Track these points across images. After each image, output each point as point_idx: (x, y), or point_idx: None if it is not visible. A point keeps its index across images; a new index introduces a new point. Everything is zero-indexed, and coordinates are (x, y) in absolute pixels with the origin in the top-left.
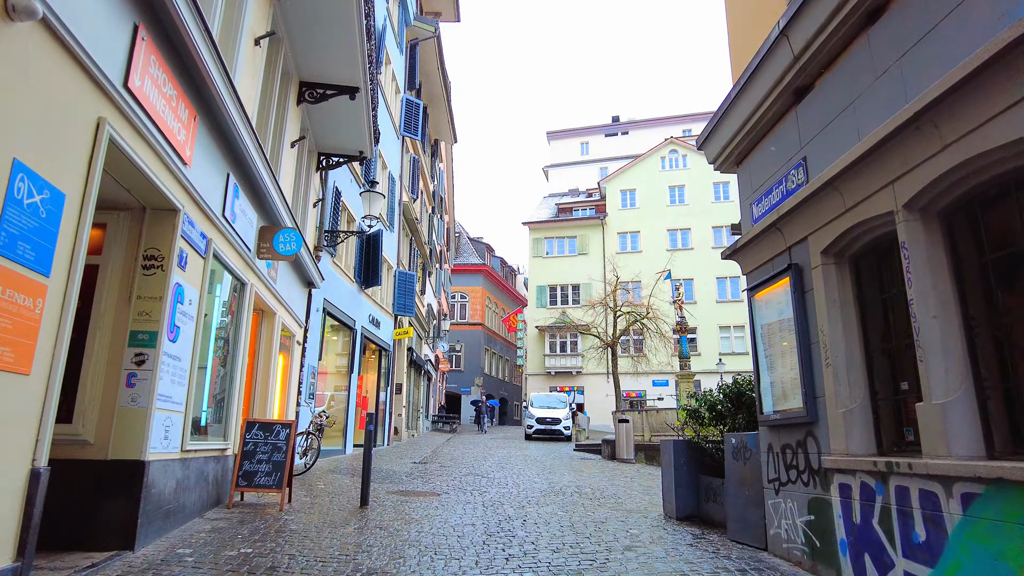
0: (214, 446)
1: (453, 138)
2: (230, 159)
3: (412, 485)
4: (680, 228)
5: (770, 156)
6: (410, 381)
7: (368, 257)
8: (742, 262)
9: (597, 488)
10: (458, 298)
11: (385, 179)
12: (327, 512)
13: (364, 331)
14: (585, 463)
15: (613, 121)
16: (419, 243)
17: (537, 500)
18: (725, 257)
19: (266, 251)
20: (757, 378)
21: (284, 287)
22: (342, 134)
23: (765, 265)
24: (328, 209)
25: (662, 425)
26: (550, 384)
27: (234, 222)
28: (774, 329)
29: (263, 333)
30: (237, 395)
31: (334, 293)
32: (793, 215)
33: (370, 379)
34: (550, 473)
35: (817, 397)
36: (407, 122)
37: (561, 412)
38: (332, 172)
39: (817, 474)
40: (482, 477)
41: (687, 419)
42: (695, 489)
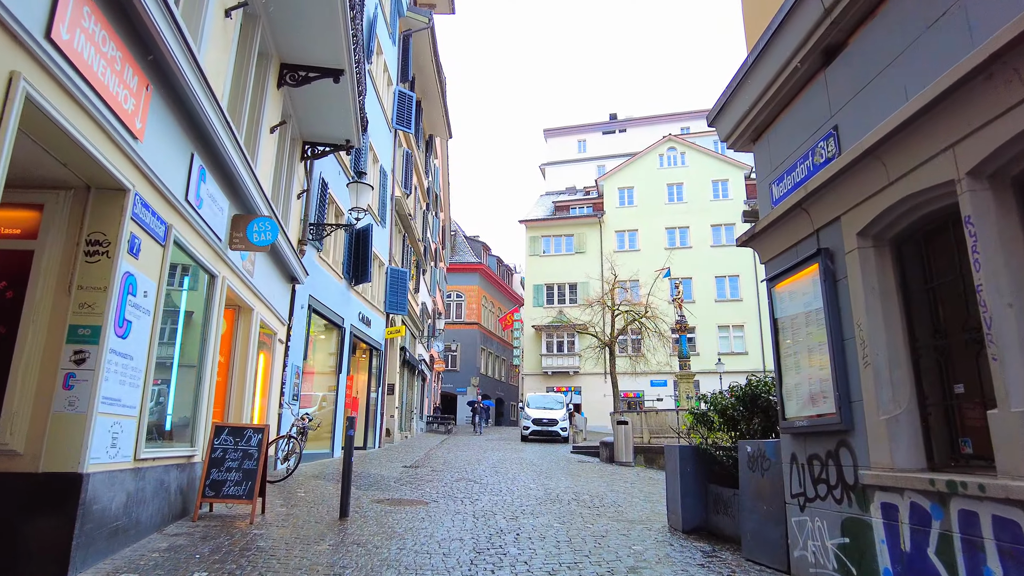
0: (178, 453)
1: (448, 133)
2: (195, 138)
3: (399, 492)
4: (678, 226)
5: (794, 128)
6: (403, 381)
7: (357, 252)
8: (760, 249)
9: (596, 495)
10: (454, 297)
11: (376, 173)
12: (302, 525)
13: (353, 329)
14: (583, 466)
15: (611, 119)
16: (412, 240)
17: (532, 509)
18: (741, 244)
19: (239, 241)
20: (779, 379)
21: (263, 282)
22: (328, 121)
23: (788, 252)
24: (313, 201)
25: (661, 427)
26: (547, 384)
27: (200, 208)
28: (799, 323)
29: (239, 330)
30: (207, 396)
31: (320, 290)
32: (822, 193)
33: (360, 379)
34: (546, 478)
35: (853, 401)
36: (400, 115)
37: (558, 413)
38: (318, 163)
39: (853, 490)
40: (474, 483)
41: (694, 423)
42: (703, 499)
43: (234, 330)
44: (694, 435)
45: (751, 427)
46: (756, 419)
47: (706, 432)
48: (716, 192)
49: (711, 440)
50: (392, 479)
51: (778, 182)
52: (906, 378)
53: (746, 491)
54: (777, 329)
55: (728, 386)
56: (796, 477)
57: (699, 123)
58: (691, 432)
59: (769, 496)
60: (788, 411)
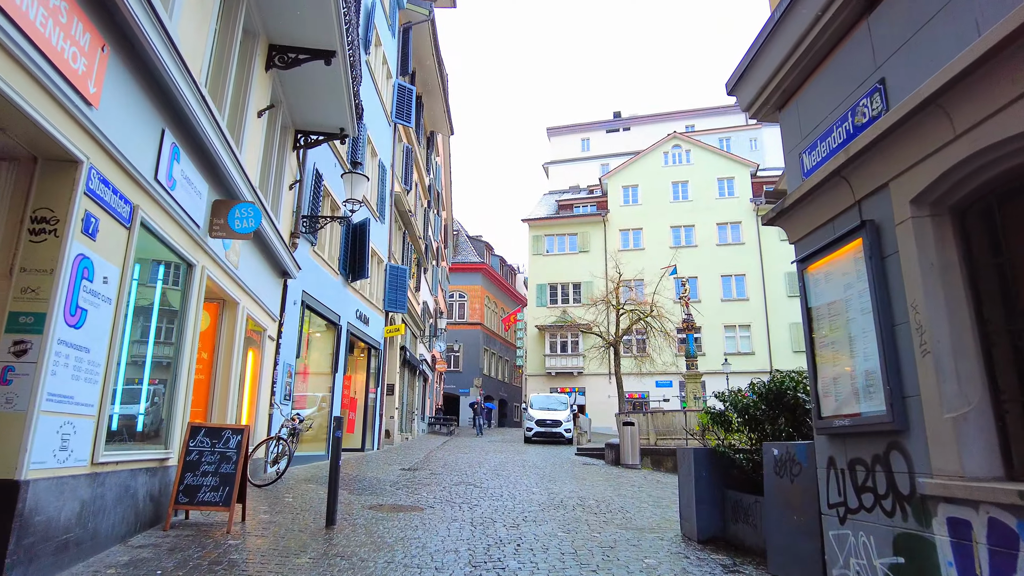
0: (148, 455)
1: (450, 130)
2: (166, 113)
3: (394, 497)
4: (684, 225)
5: (829, 87)
6: (403, 382)
7: (354, 248)
8: (789, 227)
9: (602, 500)
10: (456, 297)
11: (375, 167)
12: (284, 535)
13: (351, 327)
14: (587, 469)
15: (614, 117)
16: (413, 237)
17: (534, 516)
18: (767, 222)
19: (219, 228)
20: (813, 373)
21: (250, 274)
22: (320, 108)
23: (823, 227)
24: (306, 193)
25: (668, 428)
26: (551, 385)
27: (173, 190)
28: (838, 309)
29: (224, 325)
30: (183, 394)
31: (315, 285)
32: (866, 157)
33: (359, 379)
34: (550, 482)
35: (907, 397)
36: (399, 109)
37: (562, 414)
38: (312, 153)
39: (908, 502)
40: (474, 487)
41: (709, 424)
42: (720, 506)
43: (218, 325)
44: (709, 436)
45: (776, 428)
46: (782, 419)
47: (723, 433)
48: (722, 190)
49: (728, 442)
50: (388, 483)
51: (810, 151)
52: (976, 369)
53: (772, 499)
54: (810, 317)
55: (749, 382)
56: (834, 484)
57: (704, 121)
58: (705, 433)
59: (800, 505)
60: (825, 409)
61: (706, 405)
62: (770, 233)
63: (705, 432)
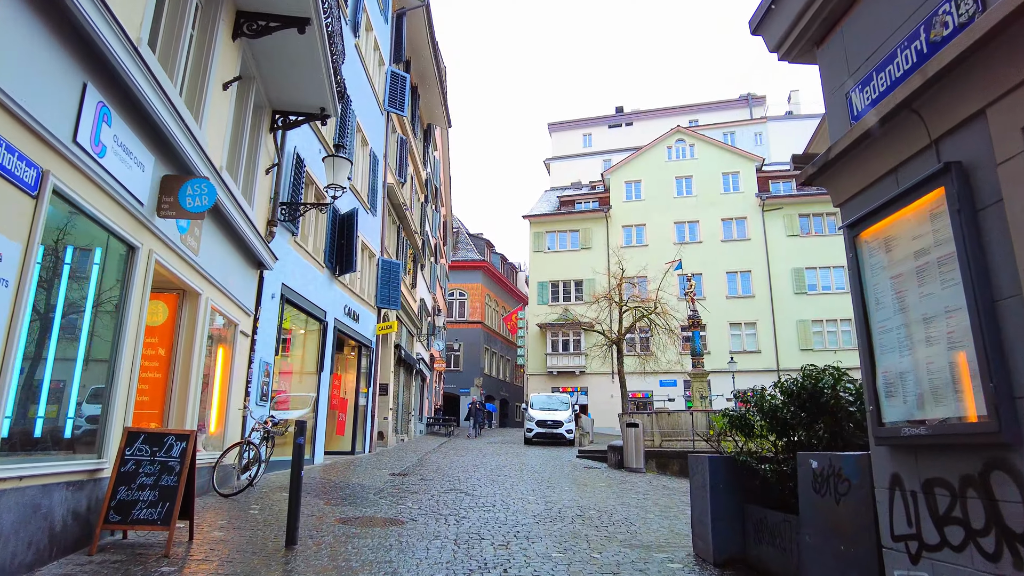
0: (70, 467)
1: (447, 122)
2: (89, 66)
3: (375, 508)
4: (688, 221)
5: (890, 2)
6: (398, 381)
7: (341, 239)
8: (834, 185)
9: (604, 510)
10: (456, 295)
11: (366, 157)
12: (232, 558)
13: (338, 324)
14: (589, 474)
15: (617, 112)
16: (408, 232)
17: (528, 531)
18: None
19: (169, 207)
20: (869, 367)
21: (215, 263)
22: (298, 85)
23: (883, 181)
24: (285, 178)
25: (674, 429)
26: (552, 384)
27: (102, 157)
28: (906, 283)
29: (183, 318)
30: (123, 395)
31: (296, 278)
32: (951, 78)
33: (349, 379)
34: (548, 488)
35: (1017, 398)
36: (392, 96)
37: (563, 414)
38: (293, 137)
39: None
40: (465, 495)
41: (726, 428)
42: (740, 523)
43: (177, 318)
44: (726, 442)
45: (813, 434)
46: (821, 423)
47: (742, 439)
48: (727, 185)
49: (747, 448)
50: (372, 491)
51: (861, 87)
52: None
53: (810, 521)
54: (864, 296)
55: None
56: (901, 511)
57: (708, 115)
58: (721, 438)
59: (850, 533)
60: (889, 413)
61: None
62: (776, 228)
63: (721, 437)
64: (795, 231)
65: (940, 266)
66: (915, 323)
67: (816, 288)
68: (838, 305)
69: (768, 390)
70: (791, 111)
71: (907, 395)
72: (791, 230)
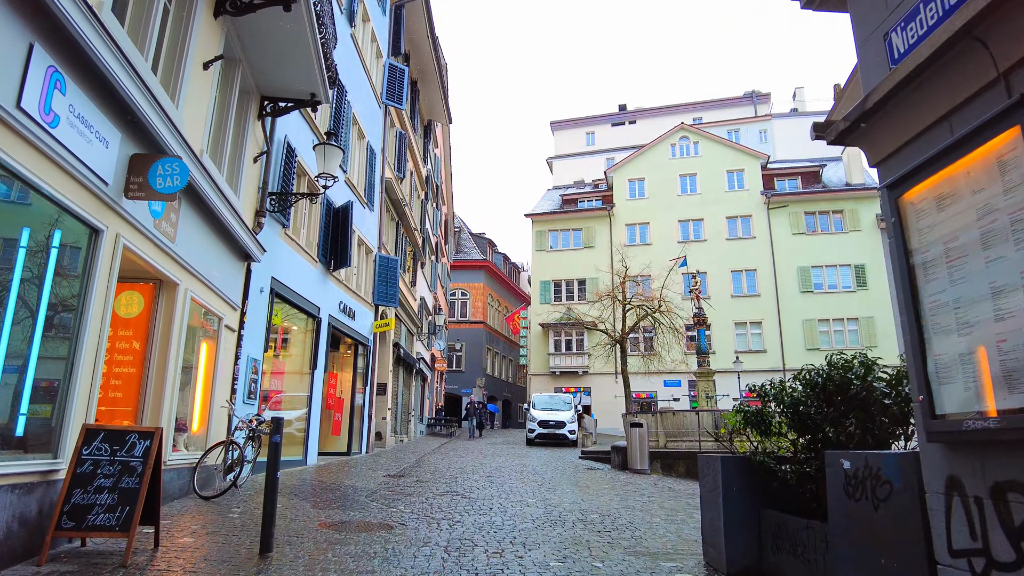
0: (19, 468)
1: (448, 119)
2: (37, 24)
3: (365, 512)
4: (692, 219)
5: None
6: (397, 381)
7: (336, 233)
8: (870, 140)
9: (607, 513)
10: (458, 295)
11: (363, 150)
12: (198, 567)
13: (333, 321)
14: (592, 475)
15: (620, 110)
16: (407, 228)
17: (525, 537)
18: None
19: (138, 188)
20: (917, 349)
21: (196, 252)
22: (286, 69)
23: (932, 130)
24: (275, 167)
25: (679, 429)
26: (555, 385)
27: (55, 127)
28: (966, 248)
29: (159, 309)
30: (84, 390)
31: (288, 272)
32: None
33: (345, 378)
34: (549, 490)
35: None
36: (391, 89)
37: (566, 415)
38: (284, 126)
39: None
40: (462, 498)
41: (741, 425)
42: (755, 529)
43: (153, 309)
44: (739, 442)
45: (842, 431)
46: (851, 419)
47: (758, 438)
48: (731, 183)
49: (763, 448)
50: (365, 493)
51: (903, 26)
52: None
53: (842, 529)
54: (910, 267)
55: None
56: (962, 520)
57: (712, 113)
58: (733, 437)
59: (893, 544)
60: (945, 403)
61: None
62: (781, 226)
63: (733, 436)
64: (801, 229)
65: (1013, 224)
66: (979, 295)
67: (822, 287)
68: (845, 304)
69: (788, 382)
70: (796, 108)
71: (968, 382)
72: (796, 228)
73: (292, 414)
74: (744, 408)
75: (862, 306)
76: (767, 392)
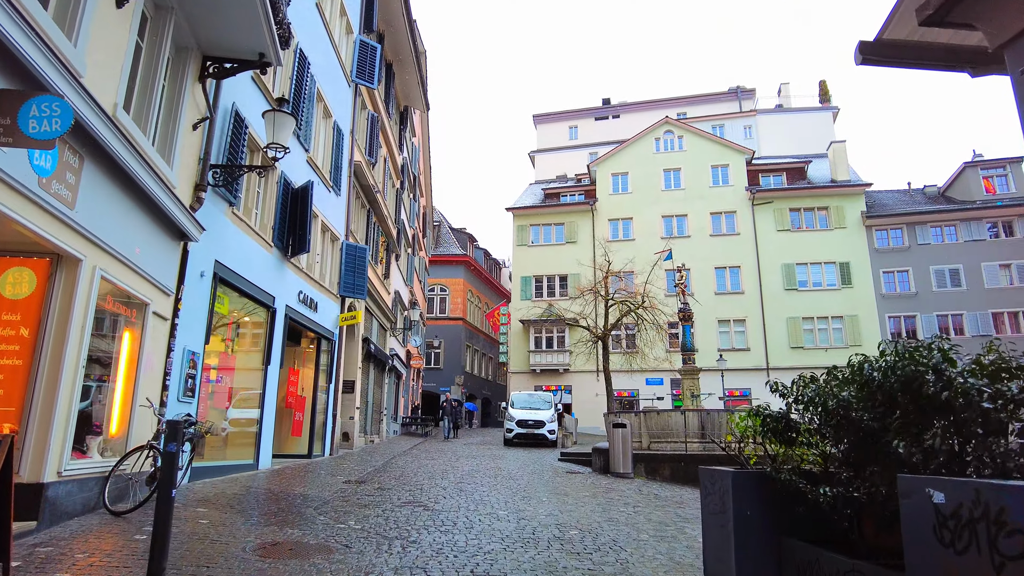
0: None
1: (425, 104)
2: None
3: (306, 528)
4: (676, 214)
5: None
6: (368, 378)
7: (294, 216)
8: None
9: (588, 528)
10: (437, 291)
11: (330, 129)
12: None
13: (292, 313)
14: (572, 480)
15: (604, 104)
16: (380, 217)
17: (491, 563)
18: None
19: (4, 131)
20: None
21: (109, 224)
22: (229, 24)
23: None
24: (221, 137)
25: (664, 430)
26: (535, 383)
27: None
28: None
29: (55, 289)
30: None
31: (237, 257)
32: None
33: (307, 375)
34: (524, 499)
35: None
36: (361, 67)
37: (545, 413)
38: (232, 92)
39: None
40: (424, 510)
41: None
42: (774, 565)
43: (48, 290)
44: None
45: (918, 448)
46: (935, 428)
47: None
48: (716, 178)
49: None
50: (316, 503)
51: None
52: None
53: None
54: None
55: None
56: None
57: (697, 108)
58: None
59: None
60: None
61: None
62: (766, 223)
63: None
64: (785, 225)
65: None
66: None
67: (807, 284)
68: (829, 302)
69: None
70: (781, 104)
71: None
72: (781, 225)
73: (249, 413)
74: (763, 411)
75: (846, 304)
76: (796, 392)
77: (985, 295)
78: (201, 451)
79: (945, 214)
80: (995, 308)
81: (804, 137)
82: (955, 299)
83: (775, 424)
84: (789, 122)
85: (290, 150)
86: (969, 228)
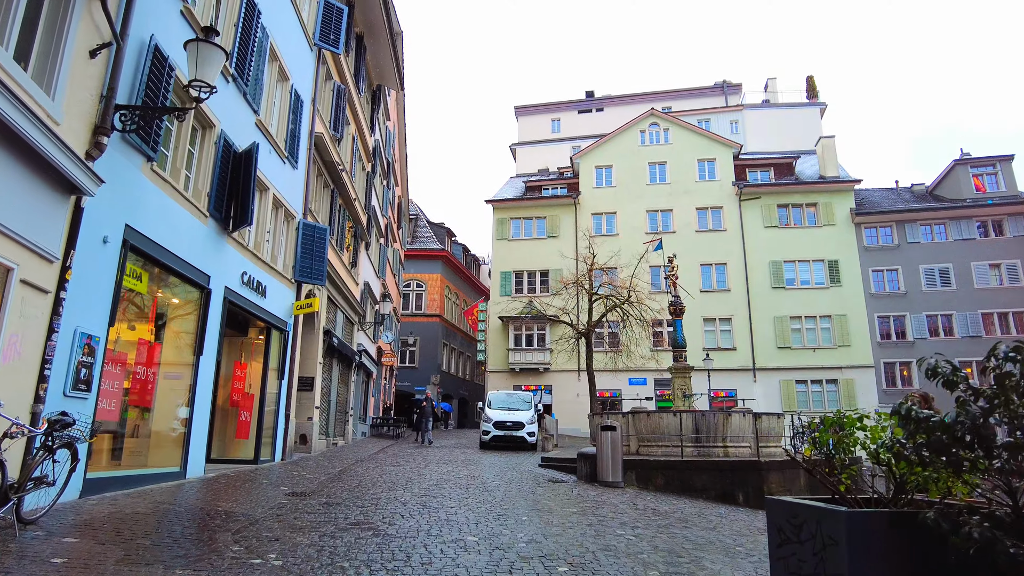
0: None
1: (399, 85)
2: None
3: (207, 565)
4: (661, 209)
5: None
6: (330, 375)
7: (235, 183)
8: None
9: (579, 562)
10: (413, 286)
11: (286, 94)
12: None
13: (232, 296)
14: (555, 492)
15: (587, 96)
16: (346, 199)
17: None
18: None
19: None
20: None
21: None
22: None
23: None
24: (134, 73)
25: (654, 432)
26: (514, 382)
27: None
28: None
29: None
30: None
31: (158, 224)
32: None
33: (255, 369)
34: (499, 519)
35: None
36: (325, 30)
37: (525, 415)
38: (152, 22)
39: None
40: (373, 534)
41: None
42: None
43: None
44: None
45: None
46: None
47: (914, 477)
48: (702, 173)
49: (910, 485)
50: (237, 525)
51: None
52: None
53: None
54: None
55: None
56: None
57: (682, 102)
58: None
59: None
60: None
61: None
62: (753, 219)
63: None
64: (773, 222)
65: None
66: None
67: (794, 282)
68: (817, 301)
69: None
70: (768, 99)
71: None
72: (769, 221)
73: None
74: (915, 411)
75: (835, 303)
76: (944, 374)
77: (975, 295)
78: (122, 457)
79: (935, 212)
80: (985, 308)
81: (791, 133)
82: (945, 299)
83: (946, 433)
84: (776, 117)
85: (217, 90)
86: (959, 227)
